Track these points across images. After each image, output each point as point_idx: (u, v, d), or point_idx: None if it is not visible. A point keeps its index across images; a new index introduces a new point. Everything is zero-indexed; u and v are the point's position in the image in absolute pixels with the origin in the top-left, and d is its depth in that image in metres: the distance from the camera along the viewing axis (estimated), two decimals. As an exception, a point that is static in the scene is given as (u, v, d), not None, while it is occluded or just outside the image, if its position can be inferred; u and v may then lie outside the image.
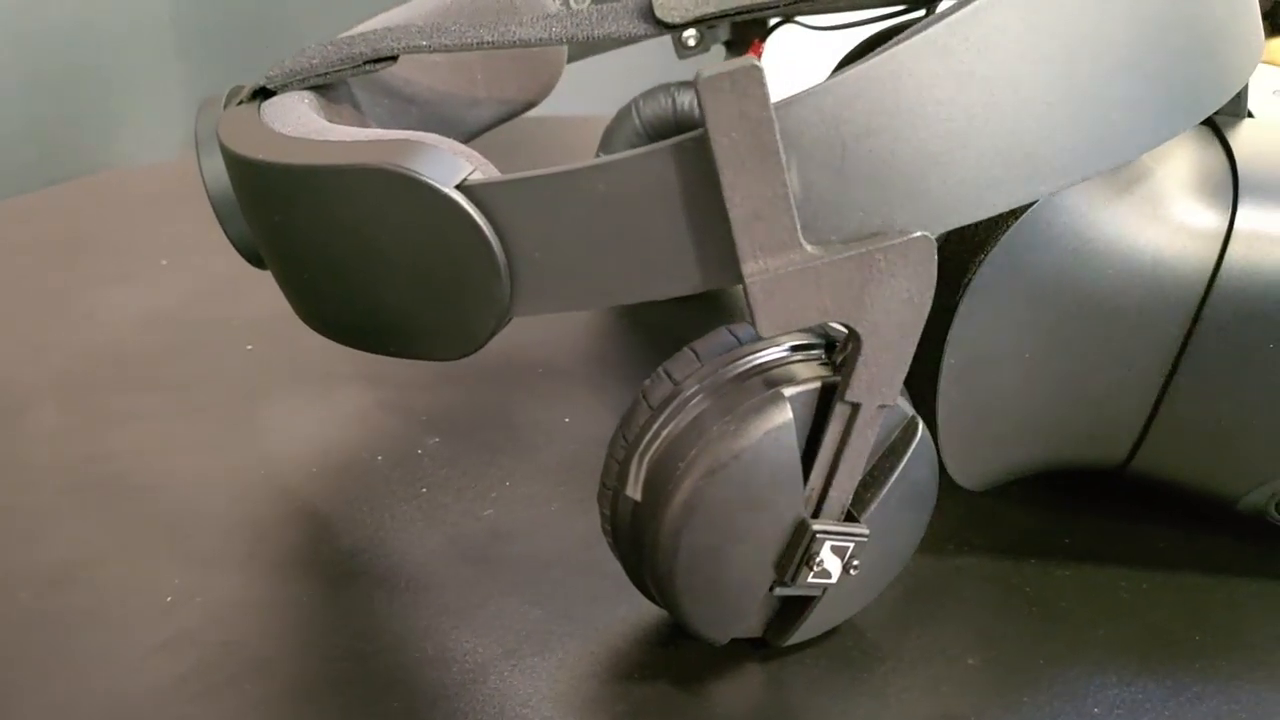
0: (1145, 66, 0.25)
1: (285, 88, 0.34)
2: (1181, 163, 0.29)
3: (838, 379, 0.25)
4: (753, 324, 0.24)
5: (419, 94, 0.41)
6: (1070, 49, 0.24)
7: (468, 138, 0.43)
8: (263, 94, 0.34)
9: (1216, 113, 0.32)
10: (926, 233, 0.24)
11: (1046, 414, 0.30)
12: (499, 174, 0.26)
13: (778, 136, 0.23)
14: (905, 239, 0.23)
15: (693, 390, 0.26)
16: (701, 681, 0.28)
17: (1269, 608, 0.31)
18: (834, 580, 0.26)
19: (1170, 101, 0.26)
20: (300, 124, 0.30)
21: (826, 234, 0.24)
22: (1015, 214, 0.27)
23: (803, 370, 0.26)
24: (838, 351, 0.26)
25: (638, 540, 0.26)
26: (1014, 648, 0.29)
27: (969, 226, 0.28)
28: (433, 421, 0.38)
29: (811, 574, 0.26)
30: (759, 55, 0.49)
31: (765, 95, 0.22)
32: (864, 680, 0.28)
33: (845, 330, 0.25)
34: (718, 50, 0.50)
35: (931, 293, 0.24)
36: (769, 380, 0.25)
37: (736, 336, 0.26)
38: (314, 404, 0.39)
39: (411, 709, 0.27)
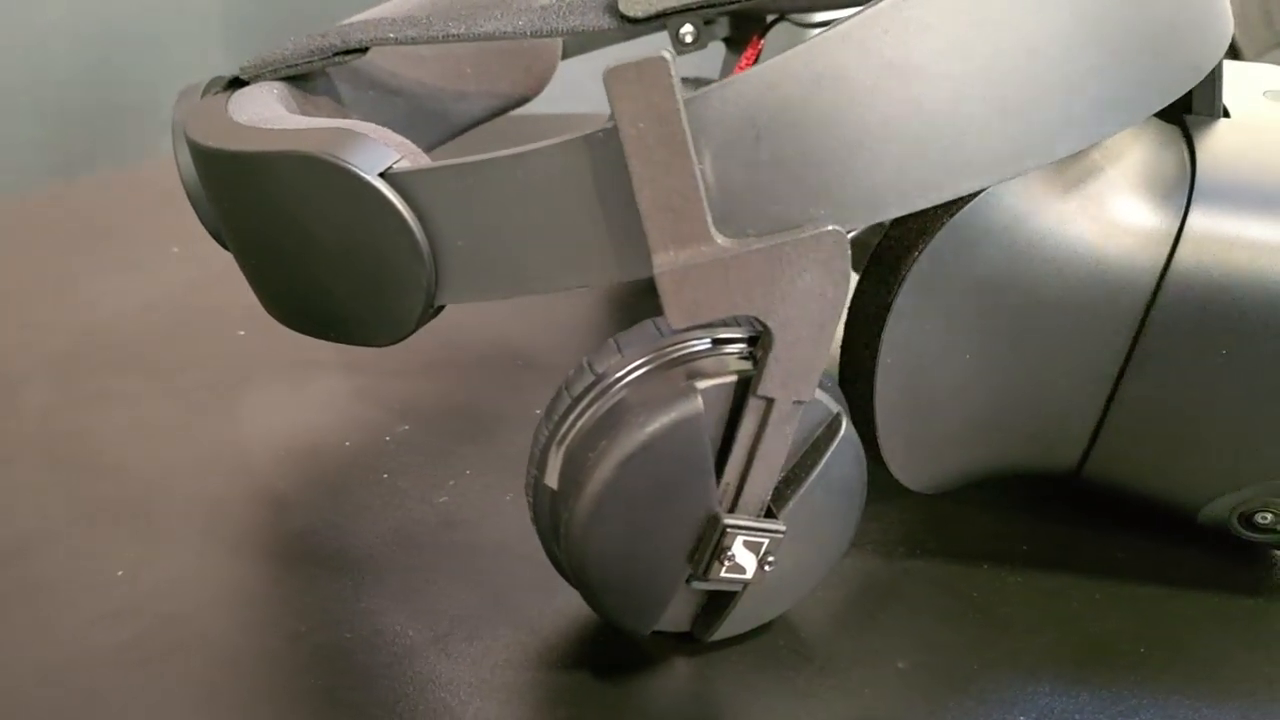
0: (1082, 60, 0.25)
1: (258, 78, 0.35)
2: (1137, 161, 0.28)
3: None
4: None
5: (405, 86, 0.41)
6: (998, 42, 0.24)
7: (456, 131, 0.44)
8: (237, 84, 0.35)
9: (1190, 112, 0.32)
10: (837, 227, 0.23)
11: (991, 417, 0.29)
12: (430, 163, 0.26)
13: (685, 128, 0.23)
14: (815, 232, 0.23)
15: (610, 381, 0.26)
16: (622, 673, 0.28)
17: (1222, 623, 0.30)
18: (749, 576, 0.26)
19: (1111, 97, 0.25)
20: (257, 113, 0.31)
21: (743, 226, 0.24)
22: (950, 210, 0.27)
23: (721, 363, 0.25)
24: (759, 345, 0.26)
25: (556, 529, 0.26)
26: (948, 653, 0.29)
27: (907, 222, 0.28)
28: (406, 410, 0.39)
29: (724, 569, 0.26)
30: (759, 52, 0.49)
31: (671, 86, 0.22)
32: (788, 679, 0.28)
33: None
34: (716, 48, 0.50)
35: (845, 288, 0.24)
36: (686, 373, 0.25)
37: (660, 329, 0.26)
38: (293, 390, 0.40)
39: (333, 687, 0.27)
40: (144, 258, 0.51)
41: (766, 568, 0.26)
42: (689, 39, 0.49)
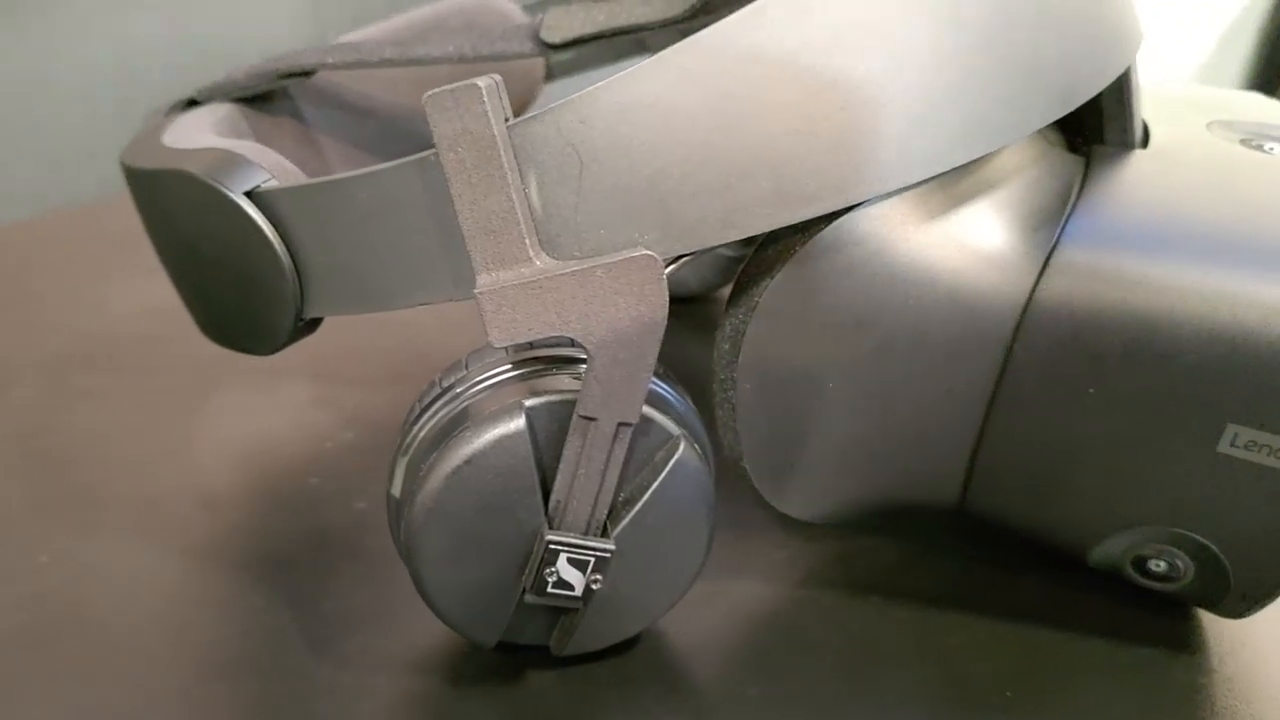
0: (920, 89, 0.24)
1: (211, 100, 0.37)
2: (1015, 192, 0.28)
3: None
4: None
5: (378, 108, 0.43)
6: (823, 71, 0.24)
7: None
8: (193, 105, 0.37)
9: (1103, 140, 0.31)
10: (649, 252, 0.24)
11: (863, 447, 0.29)
12: (304, 181, 0.28)
13: (502, 153, 0.23)
14: (627, 257, 0.24)
15: (452, 396, 0.27)
16: (472, 683, 0.28)
17: (1109, 673, 0.29)
18: (578, 593, 0.26)
19: (954, 128, 0.25)
20: (182, 133, 0.32)
21: (570, 250, 0.24)
22: (804, 236, 0.27)
23: (555, 383, 0.26)
24: None
25: (399, 539, 0.27)
26: (802, 682, 0.28)
27: (766, 248, 0.28)
28: (356, 418, 0.40)
29: (550, 584, 0.26)
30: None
31: (485, 112, 0.23)
32: (632, 698, 0.28)
33: None
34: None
35: (662, 312, 0.24)
36: (527, 390, 0.26)
37: (507, 348, 0.27)
38: (256, 395, 0.42)
39: (199, 678, 0.28)
40: (160, 265, 0.54)
41: (595, 586, 0.26)
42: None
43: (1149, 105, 0.34)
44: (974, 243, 0.27)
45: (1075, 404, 0.27)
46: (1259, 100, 0.37)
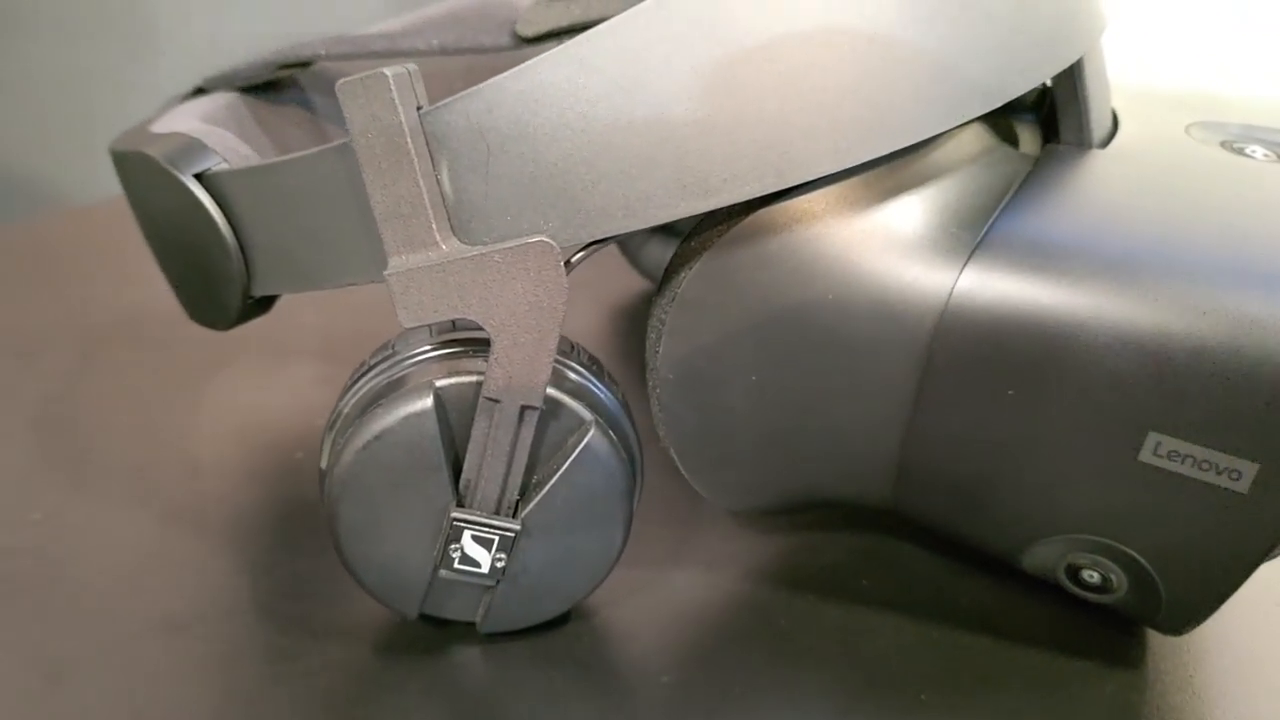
0: (834, 79, 0.24)
1: (216, 89, 0.39)
2: (948, 189, 0.27)
3: None
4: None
5: (389, 99, 0.44)
6: (727, 65, 0.24)
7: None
8: (201, 93, 0.39)
9: (1061, 140, 0.30)
10: (545, 238, 0.24)
11: (789, 442, 0.29)
12: (249, 164, 0.29)
13: (409, 140, 0.24)
14: (522, 243, 0.24)
15: (376, 374, 0.28)
16: (396, 653, 0.29)
17: (1025, 684, 0.28)
18: (484, 570, 0.27)
19: (863, 120, 0.25)
20: (171, 117, 0.34)
21: (481, 235, 0.25)
22: (724, 227, 0.27)
23: (470, 364, 0.27)
24: None
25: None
26: (722, 674, 0.28)
27: (691, 239, 0.28)
28: (351, 397, 0.42)
29: (457, 560, 0.27)
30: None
31: (393, 100, 0.24)
32: (548, 678, 0.28)
33: None
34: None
35: (559, 297, 0.25)
36: (437, 370, 0.27)
37: (430, 329, 0.28)
38: (265, 373, 0.44)
39: (142, 634, 0.30)
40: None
41: (499, 564, 0.27)
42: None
43: (1130, 104, 0.33)
44: (897, 238, 0.27)
45: (995, 406, 0.26)
46: (1269, 103, 0.35)
